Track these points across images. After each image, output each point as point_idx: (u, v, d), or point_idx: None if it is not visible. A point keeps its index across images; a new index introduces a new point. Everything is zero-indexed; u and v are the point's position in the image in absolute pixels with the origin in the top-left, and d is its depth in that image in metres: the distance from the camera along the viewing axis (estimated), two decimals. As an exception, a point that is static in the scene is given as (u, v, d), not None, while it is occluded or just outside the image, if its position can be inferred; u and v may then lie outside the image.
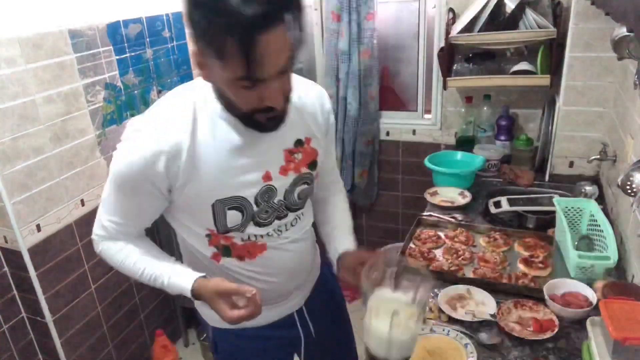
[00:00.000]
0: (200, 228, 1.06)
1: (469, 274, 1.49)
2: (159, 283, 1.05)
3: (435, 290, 1.43)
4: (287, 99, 0.92)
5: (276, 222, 1.08)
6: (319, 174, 1.14)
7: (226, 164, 0.97)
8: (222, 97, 0.95)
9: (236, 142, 0.98)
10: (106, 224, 1.06)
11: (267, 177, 1.03)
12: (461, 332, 1.25)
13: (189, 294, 1.01)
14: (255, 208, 1.03)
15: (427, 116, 2.55)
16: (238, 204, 1.01)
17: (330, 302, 1.36)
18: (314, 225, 1.27)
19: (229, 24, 0.77)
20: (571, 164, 2.03)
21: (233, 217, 1.02)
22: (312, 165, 1.10)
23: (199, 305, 1.23)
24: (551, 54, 1.93)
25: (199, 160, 0.96)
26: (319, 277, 1.32)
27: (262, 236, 1.08)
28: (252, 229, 1.06)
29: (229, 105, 0.94)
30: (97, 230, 1.10)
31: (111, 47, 2.05)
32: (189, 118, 0.96)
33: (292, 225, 1.12)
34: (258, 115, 0.91)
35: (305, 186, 1.10)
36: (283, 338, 1.25)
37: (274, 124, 0.95)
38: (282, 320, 1.22)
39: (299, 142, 1.07)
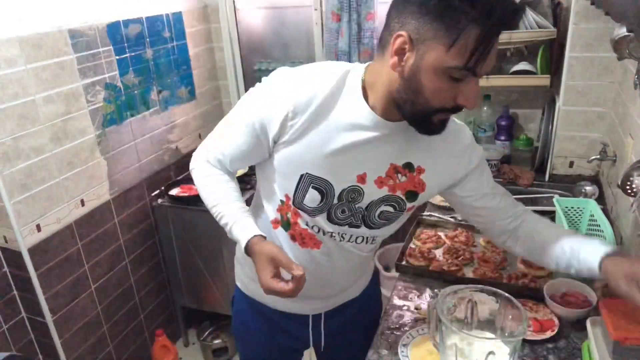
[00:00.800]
0: (281, 191, 1.05)
1: (469, 274, 1.49)
2: (222, 223, 1.05)
3: (435, 290, 1.44)
4: (473, 106, 0.89)
5: (347, 227, 1.06)
6: (414, 208, 1.09)
7: (335, 146, 0.96)
8: (406, 89, 0.88)
9: (355, 130, 0.96)
10: (212, 151, 1.09)
11: (361, 179, 1.01)
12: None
13: (242, 247, 1.00)
14: (335, 201, 1.02)
15: (427, 116, 2.55)
16: (323, 187, 1.00)
17: (357, 327, 1.33)
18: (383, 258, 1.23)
19: (483, 15, 0.78)
20: (571, 164, 2.03)
21: (312, 197, 1.01)
22: (411, 195, 1.05)
23: (237, 262, 1.25)
24: (551, 54, 1.93)
25: (316, 127, 0.95)
26: (355, 297, 1.29)
27: (325, 233, 1.06)
28: (321, 220, 1.05)
29: (407, 102, 0.89)
30: (199, 150, 1.12)
31: (111, 47, 2.05)
32: (334, 84, 0.95)
33: (356, 241, 1.10)
34: (439, 115, 0.90)
35: (392, 209, 1.05)
36: (291, 333, 1.26)
37: (440, 127, 0.93)
38: (297, 316, 1.23)
39: (408, 165, 1.02)
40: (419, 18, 0.81)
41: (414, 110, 0.90)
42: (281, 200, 1.06)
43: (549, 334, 1.21)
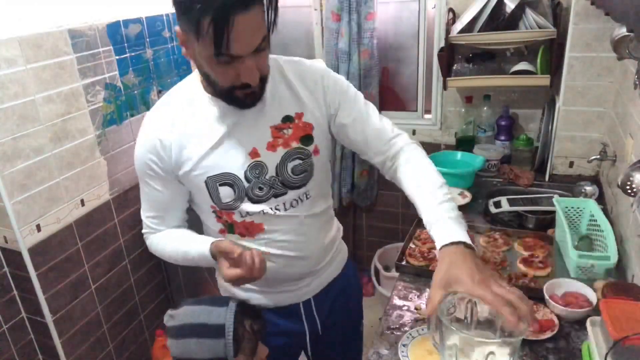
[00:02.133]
0: (206, 205, 1.15)
1: (469, 274, 1.49)
2: (189, 259, 1.14)
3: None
4: (264, 76, 1.00)
5: (273, 199, 1.12)
6: (319, 149, 1.15)
7: (214, 143, 1.06)
8: (204, 75, 1.01)
9: (222, 123, 1.06)
10: (147, 222, 1.20)
11: (254, 153, 1.08)
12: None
13: (210, 258, 1.08)
14: (246, 184, 1.09)
15: (427, 116, 2.55)
16: (228, 180, 1.09)
17: (345, 300, 1.37)
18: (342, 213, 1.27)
19: (207, 5, 0.85)
20: (571, 164, 2.03)
21: (225, 193, 1.09)
22: (306, 139, 1.12)
23: (217, 275, 1.31)
24: (551, 54, 1.93)
25: (190, 140, 1.07)
26: (337, 276, 1.33)
27: (258, 213, 1.12)
28: (247, 206, 1.11)
29: (211, 84, 1.02)
30: (144, 229, 1.22)
31: (111, 47, 2.05)
32: (177, 107, 1.09)
33: (292, 205, 1.14)
34: (237, 91, 0.99)
35: (299, 161, 1.12)
36: (288, 332, 1.29)
37: (252, 100, 1.02)
38: (288, 308, 1.27)
39: (287, 118, 1.11)
40: (179, 17, 0.94)
41: (216, 91, 1.03)
42: (213, 212, 1.15)
43: (549, 334, 1.21)
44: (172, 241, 1.18)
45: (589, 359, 1.08)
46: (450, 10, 2.14)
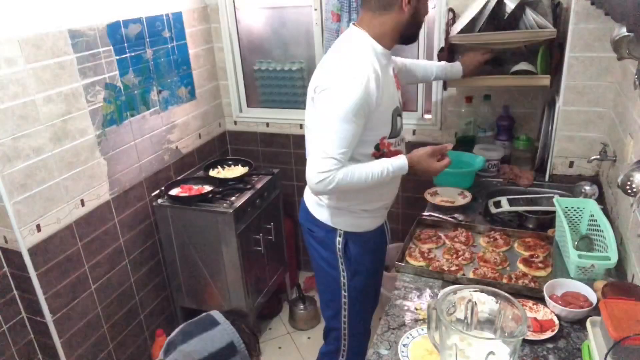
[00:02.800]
0: (378, 136, 1.48)
1: (469, 274, 1.49)
2: (385, 174, 1.43)
3: (435, 290, 1.44)
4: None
5: (402, 134, 1.58)
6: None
7: (388, 84, 1.45)
8: (412, 21, 1.45)
9: (387, 67, 1.48)
10: (337, 157, 1.37)
11: (397, 90, 1.54)
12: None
13: (406, 168, 1.46)
14: (400, 115, 1.54)
15: (427, 116, 2.55)
16: (399, 112, 1.53)
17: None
18: None
19: None
20: (571, 164, 2.03)
21: (399, 123, 1.52)
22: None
23: (332, 216, 1.60)
24: (551, 54, 1.93)
25: (382, 80, 1.41)
26: None
27: (400, 143, 1.56)
28: (399, 135, 1.55)
29: (409, 30, 1.46)
30: (328, 166, 1.36)
31: (111, 47, 2.05)
32: (368, 53, 1.43)
33: (403, 141, 1.62)
34: (419, 30, 1.52)
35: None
36: (382, 242, 1.74)
37: (417, 36, 1.54)
38: (379, 228, 1.69)
39: (398, 69, 1.67)
40: None
41: (414, 32, 1.50)
42: (376, 143, 1.48)
43: (549, 334, 1.21)
44: (359, 168, 1.41)
45: (589, 359, 1.08)
46: (450, 10, 2.14)
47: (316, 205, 1.63)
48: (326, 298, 1.73)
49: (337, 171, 1.37)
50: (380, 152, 1.50)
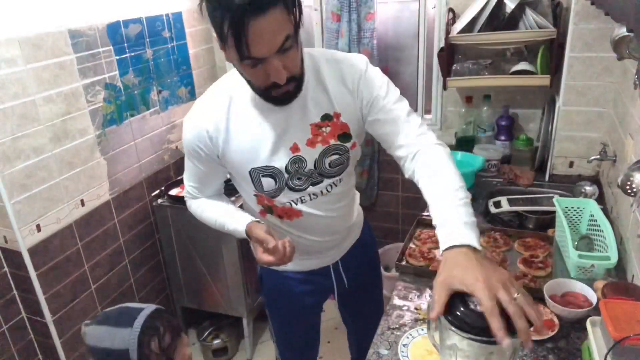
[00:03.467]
0: (249, 188, 1.24)
1: (469, 274, 1.49)
2: (225, 229, 1.25)
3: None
4: (295, 76, 1.03)
5: (310, 188, 1.22)
6: (356, 144, 1.23)
7: (257, 138, 1.14)
8: (242, 76, 1.07)
9: (266, 119, 1.13)
10: (188, 188, 1.32)
11: (295, 148, 1.16)
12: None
13: (244, 235, 1.19)
14: (286, 176, 1.18)
15: (427, 116, 2.55)
16: (270, 172, 1.18)
17: (365, 259, 1.55)
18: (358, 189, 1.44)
19: (224, 12, 0.89)
20: (571, 164, 2.03)
21: (268, 184, 1.19)
22: (344, 136, 1.19)
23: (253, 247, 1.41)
24: (551, 54, 1.93)
25: (235, 135, 1.14)
26: (358, 237, 1.49)
27: (296, 201, 1.23)
28: (288, 194, 1.22)
29: (249, 83, 1.08)
30: (184, 193, 1.36)
31: (111, 47, 2.05)
32: (225, 102, 1.14)
33: (327, 190, 1.25)
34: (273, 90, 1.04)
35: (337, 156, 1.20)
36: (319, 284, 1.46)
37: (287, 98, 1.08)
38: (318, 270, 1.43)
39: (326, 117, 1.16)
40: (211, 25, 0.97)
41: (254, 90, 1.09)
42: (255, 195, 1.26)
43: (549, 334, 1.21)
44: (211, 209, 1.31)
45: (589, 359, 1.08)
46: (450, 10, 2.14)
47: None
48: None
49: (190, 200, 1.35)
50: (265, 207, 1.27)
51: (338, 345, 2.50)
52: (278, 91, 1.04)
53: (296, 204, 1.23)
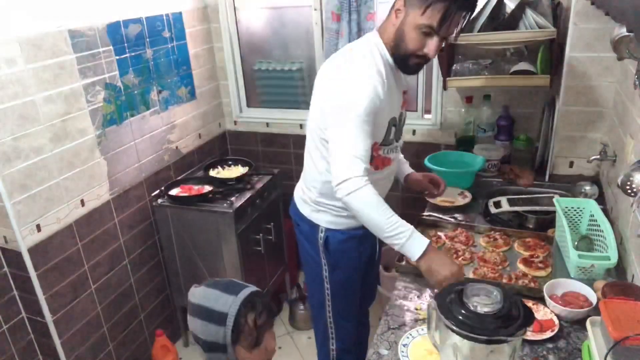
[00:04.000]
0: (376, 138, 1.43)
1: (469, 274, 1.49)
2: (400, 230, 1.32)
3: (435, 290, 1.43)
4: (433, 56, 1.36)
5: (396, 142, 1.55)
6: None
7: (392, 93, 1.43)
8: (399, 38, 1.36)
9: (392, 78, 1.44)
10: (363, 159, 1.33)
11: (401, 106, 1.53)
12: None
13: (423, 248, 1.32)
14: (397, 126, 1.51)
15: (427, 116, 2.55)
16: (394, 122, 1.49)
17: None
18: None
19: None
20: (571, 164, 2.03)
21: (392, 131, 1.49)
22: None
23: (313, 212, 1.61)
24: (551, 54, 1.93)
25: (387, 88, 1.38)
26: None
27: (392, 150, 1.53)
28: (392, 143, 1.52)
29: (395, 47, 1.38)
30: (359, 170, 1.32)
31: (111, 47, 2.05)
32: (378, 62, 1.39)
33: (399, 145, 1.59)
34: (412, 59, 1.38)
35: (404, 121, 1.59)
36: (367, 238, 1.61)
37: (416, 70, 1.43)
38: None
39: (404, 92, 1.56)
40: None
41: (399, 53, 1.39)
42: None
43: (549, 334, 1.21)
44: (384, 207, 1.34)
45: (589, 359, 1.08)
46: (450, 10, 2.14)
47: (301, 201, 1.66)
48: (312, 289, 1.76)
49: (366, 183, 1.31)
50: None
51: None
52: (416, 61, 1.38)
53: (389, 153, 1.52)
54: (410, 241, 1.31)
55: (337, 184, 1.32)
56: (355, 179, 1.30)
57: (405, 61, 1.39)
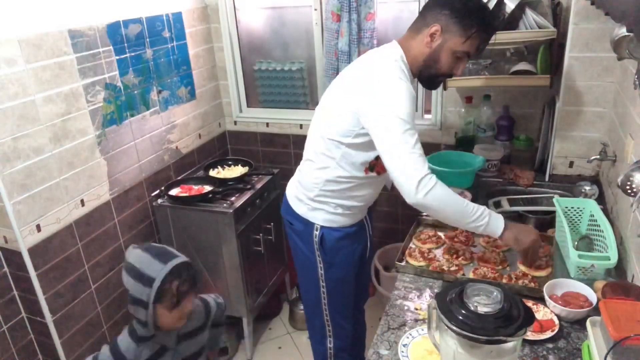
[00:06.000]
0: (375, 151, 1.43)
1: (469, 274, 1.49)
2: (479, 214, 1.34)
3: (435, 290, 1.43)
4: (458, 75, 1.48)
5: None
6: None
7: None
8: (432, 61, 1.43)
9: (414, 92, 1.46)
10: (422, 154, 1.33)
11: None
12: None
13: (502, 226, 1.36)
14: None
15: (427, 116, 2.55)
16: None
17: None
18: None
19: (492, 28, 1.42)
20: (571, 164, 2.03)
21: None
22: None
23: (309, 210, 1.62)
24: (551, 54, 1.93)
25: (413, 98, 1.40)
26: None
27: None
28: None
29: (426, 68, 1.45)
30: (426, 168, 1.31)
31: (111, 47, 2.05)
32: (404, 70, 1.43)
33: None
34: (440, 78, 1.50)
35: None
36: (361, 235, 1.69)
37: (438, 85, 1.55)
38: (358, 222, 1.67)
39: None
40: (449, 19, 1.38)
41: (429, 73, 1.47)
42: (369, 164, 1.51)
43: (549, 334, 1.21)
44: (460, 199, 1.35)
45: (588, 359, 1.08)
46: (450, 10, 2.14)
47: (295, 200, 1.66)
48: (306, 288, 1.77)
49: (436, 179, 1.31)
50: (370, 165, 1.52)
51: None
52: (440, 80, 1.51)
53: None
54: (491, 220, 1.36)
55: (412, 188, 1.29)
56: (426, 178, 1.29)
57: (432, 79, 1.49)
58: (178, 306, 1.30)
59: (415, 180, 1.28)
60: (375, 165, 1.52)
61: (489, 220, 1.35)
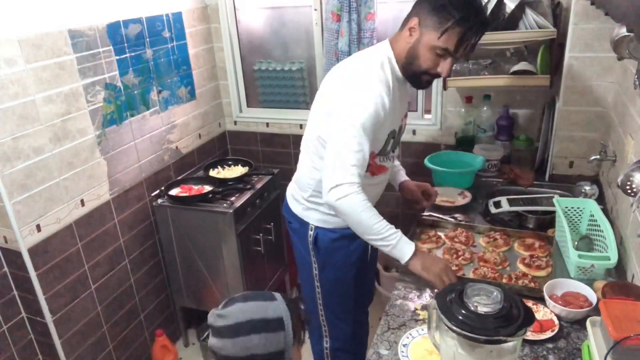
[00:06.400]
0: (374, 149, 1.46)
1: (469, 274, 1.49)
2: (388, 233, 1.36)
3: (435, 290, 1.44)
4: (446, 75, 1.43)
5: (392, 153, 1.58)
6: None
7: (395, 106, 1.44)
8: (412, 56, 1.39)
9: (398, 91, 1.46)
10: (358, 170, 1.34)
11: (402, 118, 1.57)
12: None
13: (412, 251, 1.36)
14: (395, 138, 1.53)
15: (427, 116, 2.55)
16: (394, 134, 1.52)
17: None
18: None
19: (474, 21, 1.30)
20: (571, 164, 2.03)
21: (390, 143, 1.52)
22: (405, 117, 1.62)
23: (304, 210, 1.62)
24: (551, 54, 1.93)
25: (390, 100, 1.39)
26: None
27: (386, 159, 1.56)
28: (388, 153, 1.55)
29: (408, 64, 1.41)
30: (353, 177, 1.33)
31: (111, 47, 2.05)
32: (387, 73, 1.41)
33: (395, 154, 1.64)
34: (424, 76, 1.42)
35: (402, 132, 1.62)
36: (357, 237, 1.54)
37: (427, 85, 1.47)
38: None
39: (408, 102, 1.64)
40: (427, 12, 1.33)
41: (412, 70, 1.42)
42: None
43: (549, 334, 1.21)
44: (374, 211, 1.37)
45: (588, 359, 1.08)
46: (450, 10, 2.14)
47: (292, 199, 1.68)
48: (304, 287, 1.78)
49: (357, 189, 1.33)
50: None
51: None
52: (427, 78, 1.43)
53: (384, 162, 1.55)
54: (400, 244, 1.36)
55: (329, 188, 1.34)
56: (347, 185, 1.33)
57: (416, 77, 1.43)
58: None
59: (334, 182, 1.33)
60: (370, 166, 1.49)
61: (396, 244, 1.35)
